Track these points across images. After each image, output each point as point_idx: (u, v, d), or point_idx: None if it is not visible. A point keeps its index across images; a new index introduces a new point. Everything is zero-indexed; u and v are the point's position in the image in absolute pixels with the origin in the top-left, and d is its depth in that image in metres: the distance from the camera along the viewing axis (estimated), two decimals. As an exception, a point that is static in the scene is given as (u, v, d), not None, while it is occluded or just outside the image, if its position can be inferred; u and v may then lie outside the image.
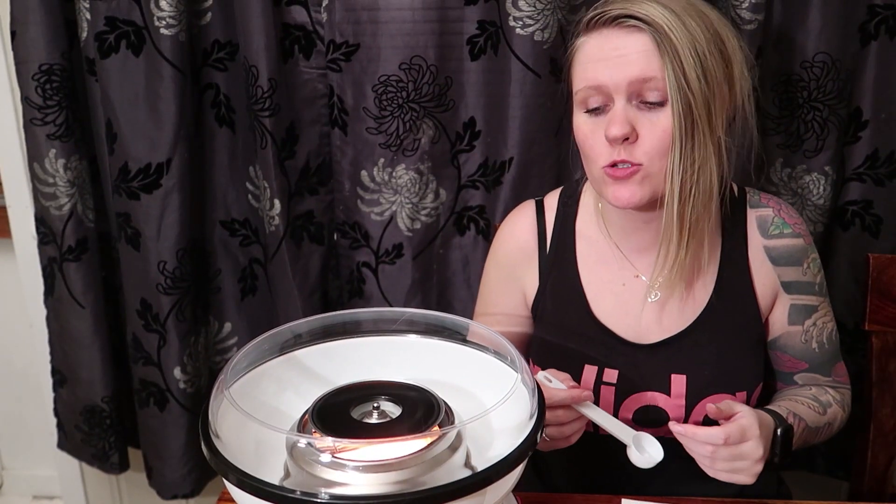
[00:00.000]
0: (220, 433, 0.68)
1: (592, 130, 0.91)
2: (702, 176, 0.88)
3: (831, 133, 1.23)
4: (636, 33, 0.87)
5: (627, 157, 0.89)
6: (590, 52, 0.91)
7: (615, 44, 0.88)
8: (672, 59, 0.85)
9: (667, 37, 0.85)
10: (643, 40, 0.86)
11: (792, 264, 0.99)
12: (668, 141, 0.87)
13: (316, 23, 1.26)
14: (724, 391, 0.96)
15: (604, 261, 1.02)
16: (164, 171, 1.29)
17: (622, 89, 0.87)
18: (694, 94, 0.85)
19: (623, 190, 0.90)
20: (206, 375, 1.46)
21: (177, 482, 1.47)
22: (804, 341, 1.01)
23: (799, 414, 0.95)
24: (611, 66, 0.88)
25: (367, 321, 0.85)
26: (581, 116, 0.93)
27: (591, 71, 0.90)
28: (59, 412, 1.54)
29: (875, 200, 1.27)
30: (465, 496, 0.62)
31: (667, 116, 0.87)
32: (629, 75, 0.87)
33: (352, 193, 1.33)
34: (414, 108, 1.26)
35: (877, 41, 1.20)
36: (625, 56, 0.87)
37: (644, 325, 1.00)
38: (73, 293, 1.40)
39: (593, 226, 1.04)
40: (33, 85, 1.30)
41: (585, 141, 0.92)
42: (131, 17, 1.23)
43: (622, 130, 0.87)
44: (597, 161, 0.91)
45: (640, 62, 0.86)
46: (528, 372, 0.74)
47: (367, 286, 1.38)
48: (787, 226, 1.00)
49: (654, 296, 0.99)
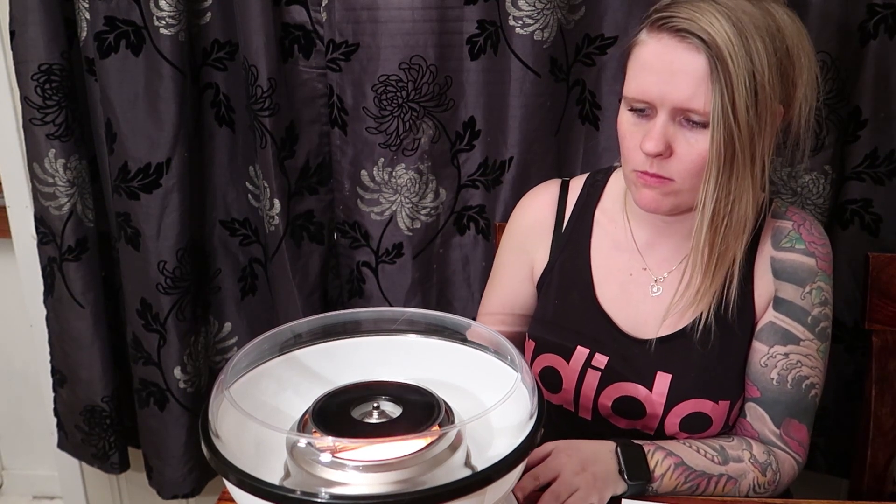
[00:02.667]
0: (220, 433, 0.67)
1: (632, 132, 0.91)
2: (736, 207, 0.87)
3: (831, 132, 1.23)
4: (694, 53, 0.83)
5: (658, 171, 0.88)
6: (646, 58, 0.87)
7: (671, 58, 0.85)
8: (723, 88, 0.81)
9: (724, 63, 0.81)
10: (699, 63, 0.83)
11: (793, 282, 0.95)
12: (702, 163, 0.86)
13: (315, 22, 1.26)
14: (707, 397, 0.96)
15: (617, 248, 1.03)
16: (164, 171, 1.29)
17: (667, 108, 0.86)
18: (740, 125, 0.82)
19: (649, 195, 0.91)
20: (206, 375, 1.46)
21: (177, 482, 1.47)
22: (763, 365, 0.95)
23: (673, 451, 0.91)
24: (660, 84, 0.85)
25: (367, 321, 0.85)
26: (626, 113, 0.92)
27: (641, 81, 0.88)
28: (59, 412, 1.54)
29: (874, 199, 1.27)
30: (465, 496, 0.62)
31: (705, 139, 0.85)
32: (675, 100, 0.85)
33: (352, 193, 1.33)
34: (414, 107, 1.26)
35: (876, 40, 1.20)
36: (676, 75, 0.84)
37: (643, 318, 1.00)
38: (73, 293, 1.40)
39: (614, 213, 1.04)
40: (33, 85, 1.29)
41: (624, 137, 0.92)
42: (131, 17, 1.23)
43: (657, 148, 0.86)
44: (630, 162, 0.92)
45: (690, 88, 0.83)
46: (528, 372, 0.74)
47: (367, 286, 1.38)
48: (801, 241, 0.97)
49: (657, 290, 0.99)
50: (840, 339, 1.29)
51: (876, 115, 1.23)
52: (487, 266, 1.36)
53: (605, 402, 0.99)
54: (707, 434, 0.97)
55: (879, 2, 1.17)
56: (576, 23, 1.24)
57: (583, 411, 1.01)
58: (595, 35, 1.25)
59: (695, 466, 0.91)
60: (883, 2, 1.17)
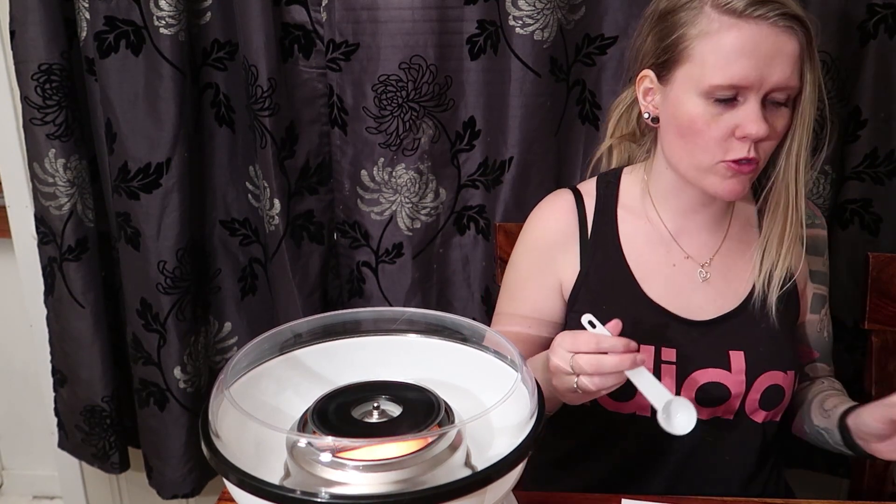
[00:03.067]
0: (220, 433, 0.67)
1: (717, 121, 0.89)
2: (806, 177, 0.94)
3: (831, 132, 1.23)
4: (790, 34, 0.86)
5: (755, 155, 0.89)
6: (741, 45, 0.85)
7: (771, 41, 0.85)
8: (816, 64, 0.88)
9: (812, 41, 0.86)
10: (795, 45, 0.86)
11: (818, 254, 1.04)
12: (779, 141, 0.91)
13: (315, 22, 1.26)
14: (779, 368, 0.97)
15: (650, 242, 1.02)
16: (164, 171, 1.29)
17: (763, 91, 0.87)
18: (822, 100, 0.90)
19: (737, 184, 0.91)
20: (206, 375, 1.46)
21: (177, 482, 1.47)
22: (819, 330, 1.04)
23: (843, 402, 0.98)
24: (761, 67, 0.85)
25: (367, 321, 0.85)
26: (701, 104, 0.89)
27: (740, 67, 0.86)
28: (60, 412, 1.54)
29: (874, 199, 1.27)
30: (465, 495, 0.62)
31: (785, 117, 0.89)
32: (777, 81, 0.86)
33: (352, 193, 1.33)
34: (414, 107, 1.26)
35: (876, 40, 1.20)
36: (773, 58, 0.85)
37: (697, 304, 0.99)
38: (73, 293, 1.40)
39: (637, 210, 1.03)
40: (33, 85, 1.30)
41: (703, 131, 0.89)
42: (131, 17, 1.23)
43: (765, 131, 0.87)
44: (713, 152, 0.90)
45: (790, 68, 0.86)
46: (528, 371, 0.74)
47: (367, 286, 1.38)
48: (815, 217, 1.04)
49: (705, 275, 1.00)
50: (840, 339, 1.29)
51: (876, 115, 1.23)
52: (488, 266, 1.36)
53: (688, 395, 0.97)
54: (780, 407, 1.00)
55: (879, 2, 1.18)
56: (576, 23, 1.24)
57: None
58: (595, 35, 1.25)
59: None
60: (883, 2, 1.18)
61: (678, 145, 0.93)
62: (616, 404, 0.99)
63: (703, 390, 0.97)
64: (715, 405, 0.98)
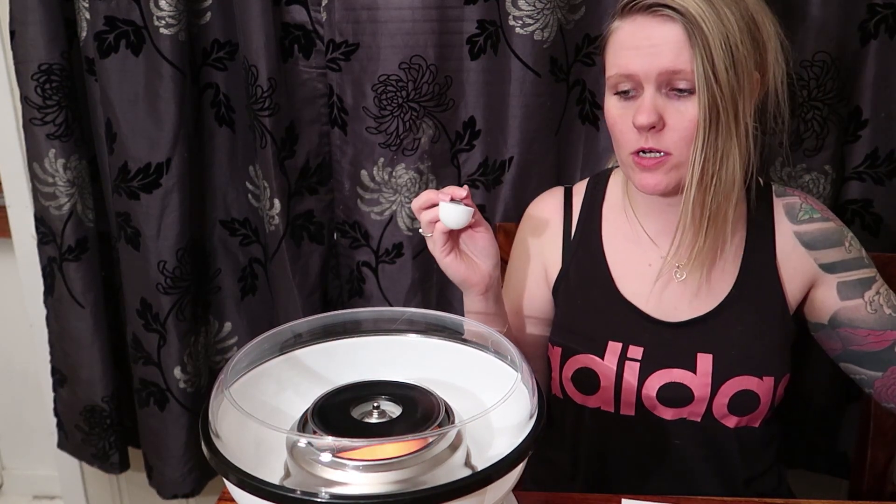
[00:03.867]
0: (220, 433, 0.68)
1: (621, 115, 0.93)
2: (724, 165, 0.90)
3: (831, 132, 1.23)
4: (669, 23, 0.87)
5: (655, 145, 0.90)
6: (623, 38, 0.91)
7: (647, 33, 0.88)
8: (702, 50, 0.86)
9: (699, 28, 0.85)
10: (675, 31, 0.87)
11: (830, 246, 1.00)
12: (695, 130, 0.89)
13: (315, 22, 1.26)
14: (751, 374, 0.97)
15: (630, 241, 1.03)
16: (164, 171, 1.29)
17: (652, 79, 0.89)
18: (721, 85, 0.86)
19: (649, 178, 0.92)
20: (206, 375, 1.46)
21: (177, 482, 1.47)
22: (873, 311, 0.99)
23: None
24: (642, 56, 0.88)
25: (367, 321, 0.85)
26: (611, 100, 0.94)
27: (622, 59, 0.90)
28: (60, 412, 1.54)
29: (875, 199, 1.27)
30: (465, 495, 0.62)
31: (694, 106, 0.88)
32: (659, 66, 0.88)
33: (351, 193, 1.33)
34: (414, 107, 1.26)
35: (876, 40, 1.20)
36: (656, 46, 0.88)
37: (671, 305, 1.00)
38: (73, 293, 1.40)
39: (620, 209, 1.05)
40: (33, 84, 1.30)
41: (615, 125, 0.94)
42: (131, 17, 1.23)
43: (649, 119, 0.88)
44: (625, 146, 0.93)
45: (671, 54, 0.87)
46: (528, 371, 0.74)
47: (367, 286, 1.38)
48: (815, 211, 1.01)
49: (681, 276, 1.00)
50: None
51: (876, 115, 1.23)
52: (487, 266, 1.36)
53: (650, 393, 0.99)
54: (757, 414, 0.98)
55: (879, 2, 1.18)
56: (576, 23, 1.24)
57: (625, 407, 1.00)
58: (595, 35, 1.25)
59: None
60: (883, 2, 1.17)
61: (614, 146, 0.97)
62: (583, 397, 1.02)
63: (663, 389, 0.98)
64: (677, 406, 0.98)
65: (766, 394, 0.97)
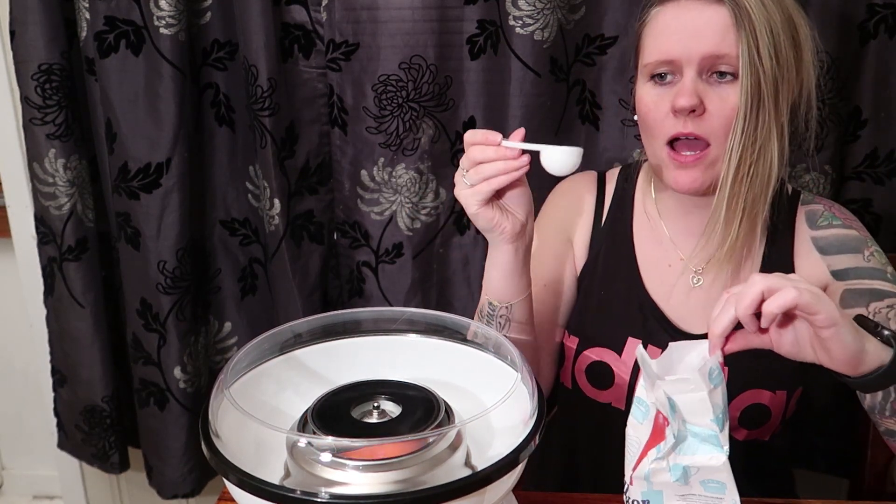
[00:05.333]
0: (220, 433, 0.68)
1: (656, 102, 0.89)
2: (762, 157, 0.86)
3: (831, 132, 1.23)
4: (714, 5, 0.85)
5: (694, 130, 0.87)
6: (665, 22, 0.88)
7: (692, 15, 0.86)
8: (748, 34, 0.83)
9: (745, 11, 0.83)
10: (721, 14, 0.85)
11: (845, 252, 0.96)
12: (734, 118, 0.86)
13: (315, 22, 1.26)
14: (764, 387, 0.95)
15: (655, 239, 1.01)
16: (164, 171, 1.29)
17: (694, 63, 0.86)
18: (765, 71, 0.84)
19: (685, 175, 0.89)
20: (206, 375, 1.46)
21: (177, 482, 1.47)
22: None
23: None
24: (685, 39, 0.86)
25: (367, 321, 0.85)
26: (645, 87, 0.91)
27: (664, 43, 0.88)
28: (60, 412, 1.54)
29: (874, 199, 1.27)
30: (464, 495, 0.62)
31: (736, 92, 0.85)
32: (703, 50, 0.85)
33: (351, 193, 1.33)
34: (414, 107, 1.26)
35: (876, 40, 1.20)
36: (700, 29, 0.85)
37: (688, 309, 0.98)
38: (72, 293, 1.40)
39: (646, 203, 1.03)
40: (33, 84, 1.30)
41: (648, 113, 0.90)
42: (131, 17, 1.23)
43: (691, 101, 0.85)
44: (659, 135, 0.90)
45: (716, 37, 0.85)
46: (528, 371, 0.74)
47: (367, 286, 1.38)
48: (836, 219, 0.98)
49: (697, 281, 0.98)
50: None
51: (876, 115, 1.23)
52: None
53: None
54: (767, 427, 0.96)
55: (879, 2, 1.18)
56: (576, 23, 1.24)
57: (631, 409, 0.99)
58: (595, 35, 1.25)
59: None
60: (883, 2, 1.17)
61: (643, 137, 0.94)
62: (594, 391, 1.00)
63: None
64: None
65: (778, 408, 0.95)
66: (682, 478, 0.74)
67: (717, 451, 0.72)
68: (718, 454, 0.72)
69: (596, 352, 1.00)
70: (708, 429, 0.72)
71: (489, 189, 0.84)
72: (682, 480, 0.74)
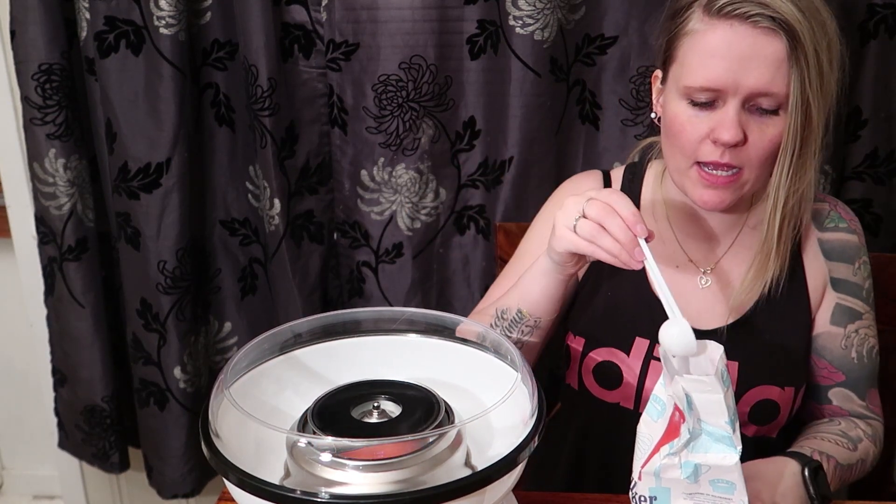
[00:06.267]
0: (220, 433, 0.68)
1: (693, 123, 0.86)
2: (804, 189, 0.87)
3: (831, 132, 1.23)
4: (771, 36, 0.80)
5: (731, 161, 0.85)
6: (715, 45, 0.83)
7: (746, 44, 0.81)
8: (803, 71, 0.80)
9: (802, 46, 0.79)
10: (776, 46, 0.80)
11: (844, 261, 0.96)
12: (774, 150, 0.84)
13: (315, 22, 1.26)
14: (774, 383, 0.95)
15: (661, 239, 1.01)
16: (164, 171, 1.29)
17: (741, 95, 0.83)
18: (812, 109, 0.82)
19: (713, 195, 0.88)
20: (206, 375, 1.46)
21: (177, 481, 1.47)
22: (844, 347, 0.96)
23: (826, 451, 0.90)
24: (735, 69, 0.82)
25: (367, 321, 0.85)
26: (681, 105, 0.87)
27: (712, 70, 0.83)
28: (60, 412, 1.54)
29: (875, 199, 1.27)
30: (464, 495, 0.62)
31: (776, 125, 0.83)
32: (753, 85, 0.82)
33: (352, 193, 1.33)
34: (414, 107, 1.26)
35: (876, 40, 1.20)
36: (752, 61, 0.81)
37: (695, 309, 0.98)
38: (73, 293, 1.40)
39: (653, 204, 1.02)
40: (33, 84, 1.30)
41: (682, 132, 0.87)
42: (131, 17, 1.23)
43: (735, 138, 0.83)
44: (690, 155, 0.88)
45: (769, 72, 0.81)
46: (528, 371, 0.74)
47: (367, 285, 1.38)
48: (842, 220, 0.97)
49: (706, 282, 0.98)
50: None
51: (876, 115, 1.23)
52: (488, 266, 1.36)
53: None
54: (776, 423, 0.96)
55: (879, 2, 1.18)
56: (576, 23, 1.24)
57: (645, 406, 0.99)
58: (595, 35, 1.25)
59: (843, 461, 0.90)
60: (883, 2, 1.18)
61: (666, 145, 0.93)
62: (602, 391, 1.00)
63: None
64: None
65: (786, 403, 0.96)
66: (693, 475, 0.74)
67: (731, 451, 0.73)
68: (731, 454, 0.73)
69: (603, 352, 1.00)
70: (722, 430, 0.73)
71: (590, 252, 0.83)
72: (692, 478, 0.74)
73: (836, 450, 0.91)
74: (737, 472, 0.74)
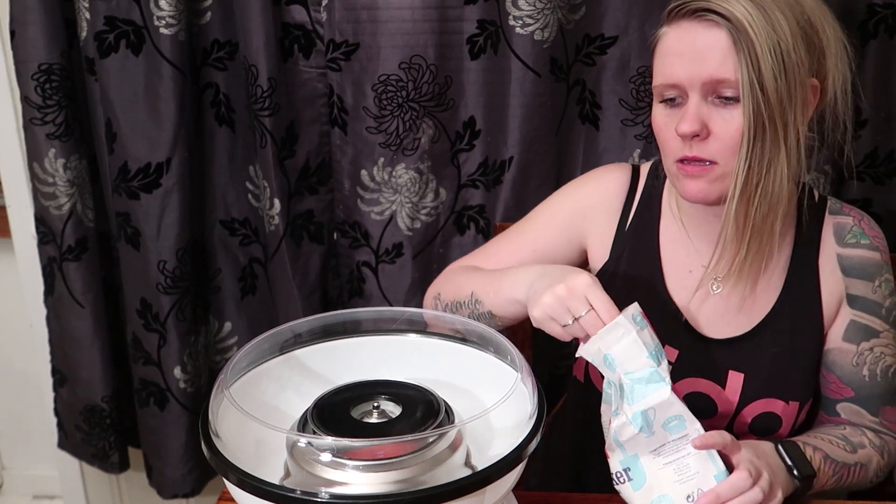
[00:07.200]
0: (220, 433, 0.68)
1: (666, 123, 0.90)
2: (770, 175, 0.86)
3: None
4: (714, 29, 0.84)
5: (699, 154, 0.87)
6: (668, 45, 0.89)
7: (692, 37, 0.86)
8: (748, 57, 0.82)
9: (745, 34, 0.82)
10: (720, 37, 0.84)
11: (863, 278, 0.96)
12: (740, 139, 0.86)
13: (315, 22, 1.26)
14: (779, 397, 0.95)
15: (677, 241, 1.01)
16: (164, 171, 1.29)
17: (696, 87, 0.86)
18: (767, 93, 0.83)
19: (693, 185, 0.90)
20: (206, 375, 1.46)
21: (177, 481, 1.47)
22: (855, 364, 0.96)
23: (816, 445, 0.91)
24: (686, 63, 0.86)
25: (367, 321, 0.85)
26: (658, 108, 0.92)
27: (667, 66, 0.88)
28: (60, 412, 1.54)
29: (874, 199, 1.27)
30: (464, 495, 0.62)
31: (740, 115, 0.85)
32: (703, 74, 0.85)
33: (351, 193, 1.33)
34: (414, 107, 1.26)
35: (876, 40, 1.20)
36: (701, 53, 0.85)
37: (706, 315, 0.98)
38: (73, 293, 1.40)
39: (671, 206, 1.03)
40: (33, 84, 1.29)
41: (660, 132, 0.92)
42: (131, 17, 1.23)
43: (692, 128, 0.86)
44: (670, 154, 0.91)
45: (715, 61, 0.84)
46: (528, 371, 0.74)
47: (367, 286, 1.38)
48: (865, 237, 0.97)
49: (717, 288, 0.98)
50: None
51: (876, 115, 1.23)
52: (487, 266, 1.36)
53: None
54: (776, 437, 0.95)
55: (879, 2, 1.18)
56: (576, 22, 1.24)
57: None
58: (595, 35, 1.25)
59: (837, 458, 0.91)
60: (883, 2, 1.18)
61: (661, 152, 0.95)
62: None
63: (689, 397, 0.96)
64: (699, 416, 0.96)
65: (788, 418, 0.95)
66: (646, 426, 0.78)
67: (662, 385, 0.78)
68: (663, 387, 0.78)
69: None
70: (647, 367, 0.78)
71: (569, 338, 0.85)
72: (646, 430, 0.78)
73: (830, 447, 0.92)
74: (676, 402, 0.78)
